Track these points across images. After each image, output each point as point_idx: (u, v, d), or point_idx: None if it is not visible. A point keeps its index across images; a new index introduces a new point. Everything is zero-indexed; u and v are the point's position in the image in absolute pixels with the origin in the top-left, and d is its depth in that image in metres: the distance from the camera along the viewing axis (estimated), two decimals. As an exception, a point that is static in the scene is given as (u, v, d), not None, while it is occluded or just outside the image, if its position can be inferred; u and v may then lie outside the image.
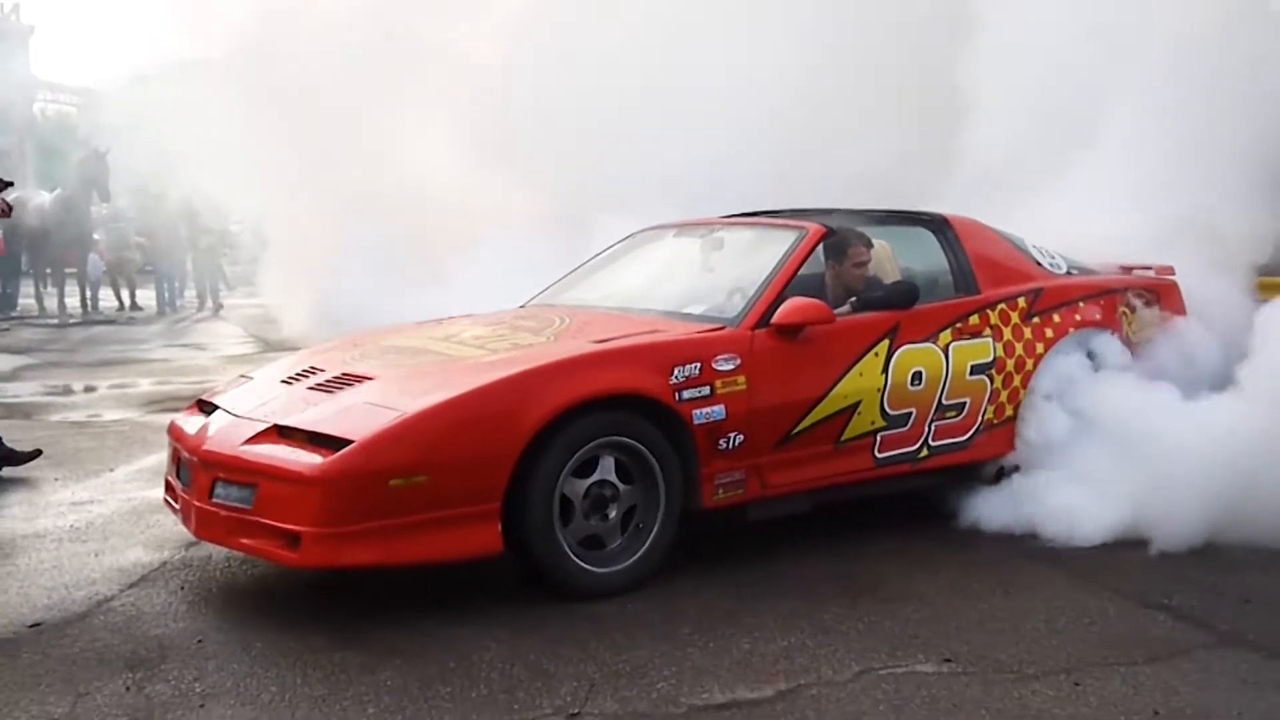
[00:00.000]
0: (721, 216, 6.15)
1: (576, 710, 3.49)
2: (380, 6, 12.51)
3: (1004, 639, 4.05)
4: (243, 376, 5.35)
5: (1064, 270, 5.99)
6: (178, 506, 4.80)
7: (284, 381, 4.91)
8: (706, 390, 4.69)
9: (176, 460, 4.89)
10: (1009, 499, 5.38)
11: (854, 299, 5.29)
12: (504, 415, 4.29)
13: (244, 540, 4.31)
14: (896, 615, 4.29)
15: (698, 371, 4.68)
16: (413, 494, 4.16)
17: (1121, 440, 5.34)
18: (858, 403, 5.06)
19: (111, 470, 6.83)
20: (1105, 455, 5.34)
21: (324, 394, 4.59)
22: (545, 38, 11.37)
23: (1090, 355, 5.77)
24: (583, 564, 4.45)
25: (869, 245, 5.47)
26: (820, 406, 4.96)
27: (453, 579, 4.54)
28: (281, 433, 4.41)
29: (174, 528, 5.52)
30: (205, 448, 4.51)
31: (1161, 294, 6.23)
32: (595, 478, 4.47)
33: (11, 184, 7.05)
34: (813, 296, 5.06)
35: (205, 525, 4.46)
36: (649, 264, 5.96)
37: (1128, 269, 6.40)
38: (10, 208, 7.03)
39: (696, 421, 4.65)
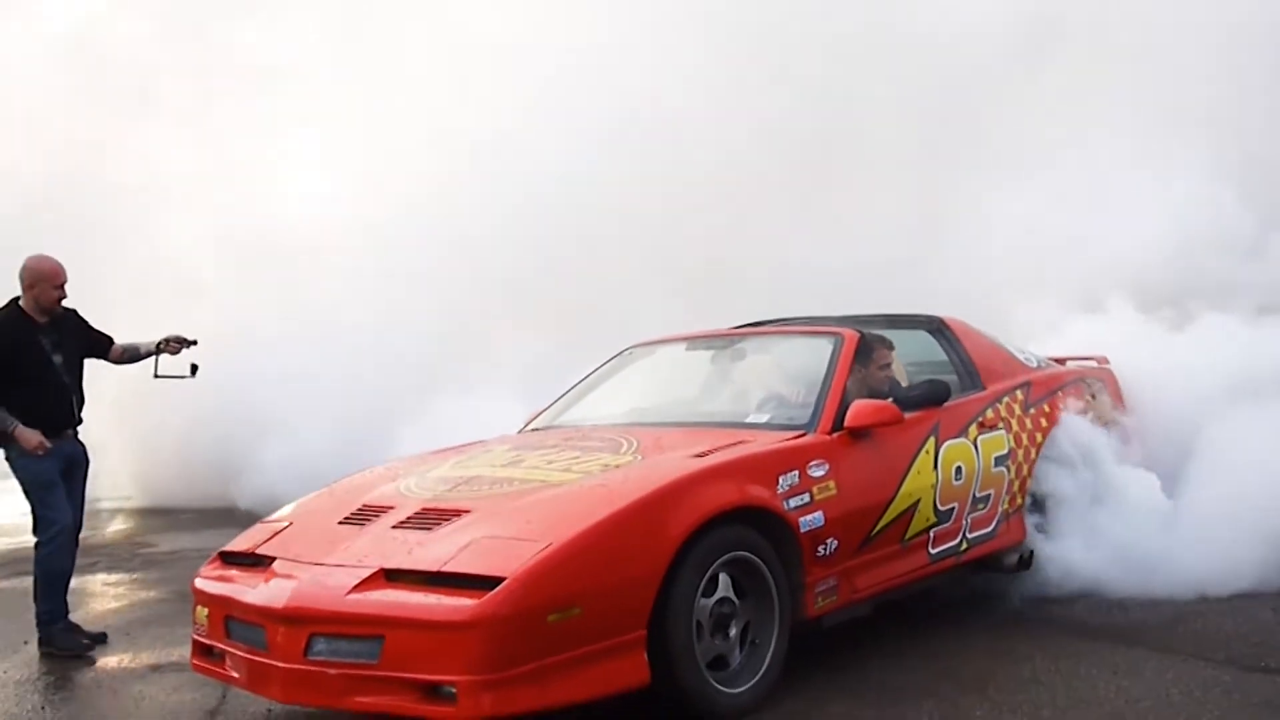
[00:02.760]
0: (730, 328, 6.07)
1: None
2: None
3: (1160, 717, 4.05)
4: (269, 522, 4.79)
5: (1036, 364, 6.20)
6: (235, 672, 4.24)
7: (345, 523, 4.44)
8: (807, 498, 4.56)
9: (223, 621, 4.33)
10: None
11: (893, 399, 5.27)
12: (648, 535, 4.02)
13: (363, 699, 3.82)
14: (1041, 703, 4.22)
15: (797, 479, 4.55)
16: (568, 629, 3.80)
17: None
18: (918, 501, 5.04)
19: (25, 643, 5.97)
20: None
21: (420, 532, 4.16)
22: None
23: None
24: (719, 686, 4.19)
25: (891, 348, 5.50)
26: (892, 506, 4.91)
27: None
28: (390, 577, 3.97)
29: (171, 696, 4.99)
30: (292, 603, 3.99)
31: (1107, 382, 6.54)
32: (718, 595, 4.23)
33: (195, 342, 6.23)
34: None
35: (301, 686, 3.95)
36: (662, 378, 5.79)
37: (1060, 360, 6.70)
38: (196, 368, 6.24)
39: (803, 530, 4.50)
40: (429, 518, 4.26)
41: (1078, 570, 5.56)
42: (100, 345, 6.09)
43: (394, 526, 4.27)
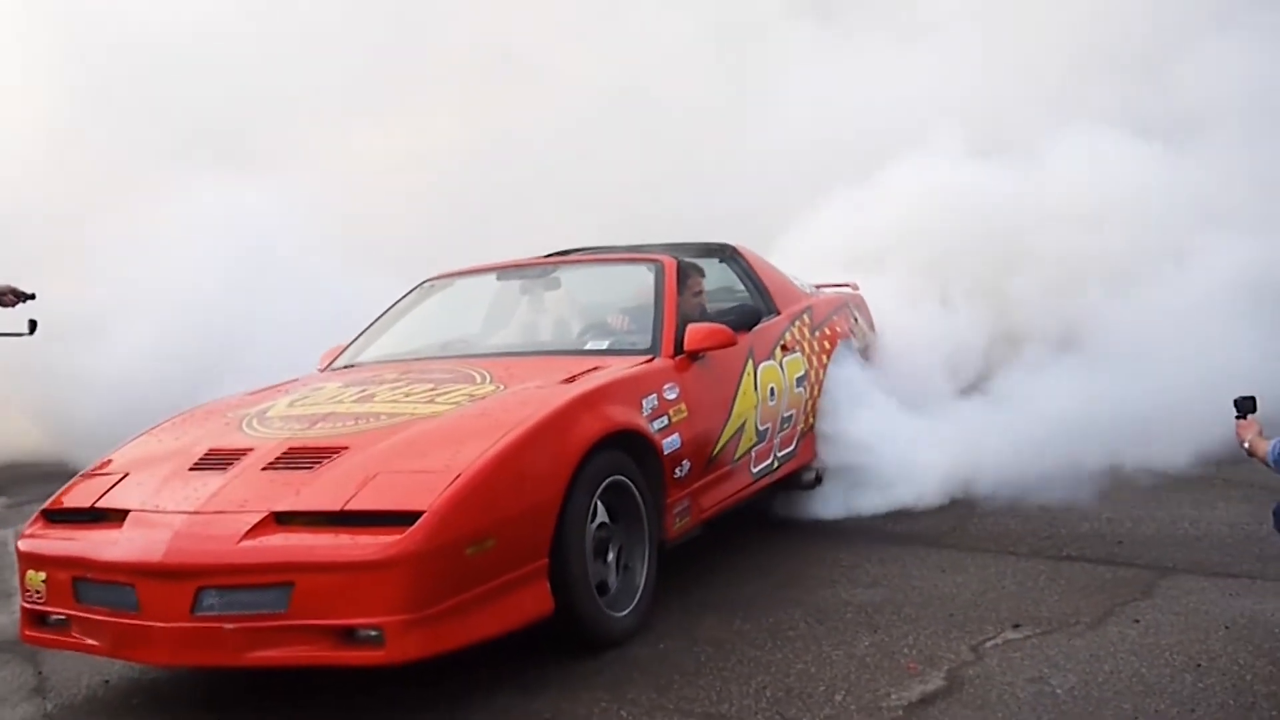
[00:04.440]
0: (537, 258, 6.00)
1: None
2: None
3: (1014, 603, 4.43)
4: (95, 475, 4.36)
5: (810, 290, 6.52)
6: (93, 639, 3.88)
7: (198, 469, 4.12)
8: (666, 421, 4.65)
9: (69, 584, 3.94)
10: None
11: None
12: (547, 461, 3.99)
13: (268, 653, 3.59)
14: (900, 602, 4.53)
15: (657, 403, 4.63)
16: (484, 561, 3.72)
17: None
18: (744, 421, 5.23)
19: None
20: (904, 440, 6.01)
21: (299, 471, 3.92)
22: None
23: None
24: (608, 611, 4.22)
25: (703, 275, 5.65)
26: (727, 427, 5.08)
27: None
28: (282, 520, 3.74)
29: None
30: (172, 557, 3.69)
31: (860, 306, 6.98)
32: (598, 520, 4.25)
33: (33, 296, 5.67)
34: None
35: (190, 646, 3.65)
36: (468, 309, 5.69)
37: (819, 286, 7.07)
38: (35, 324, 5.74)
39: (665, 452, 4.59)
40: (302, 457, 4.02)
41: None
42: None
43: (264, 469, 4.00)
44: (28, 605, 4.11)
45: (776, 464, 5.59)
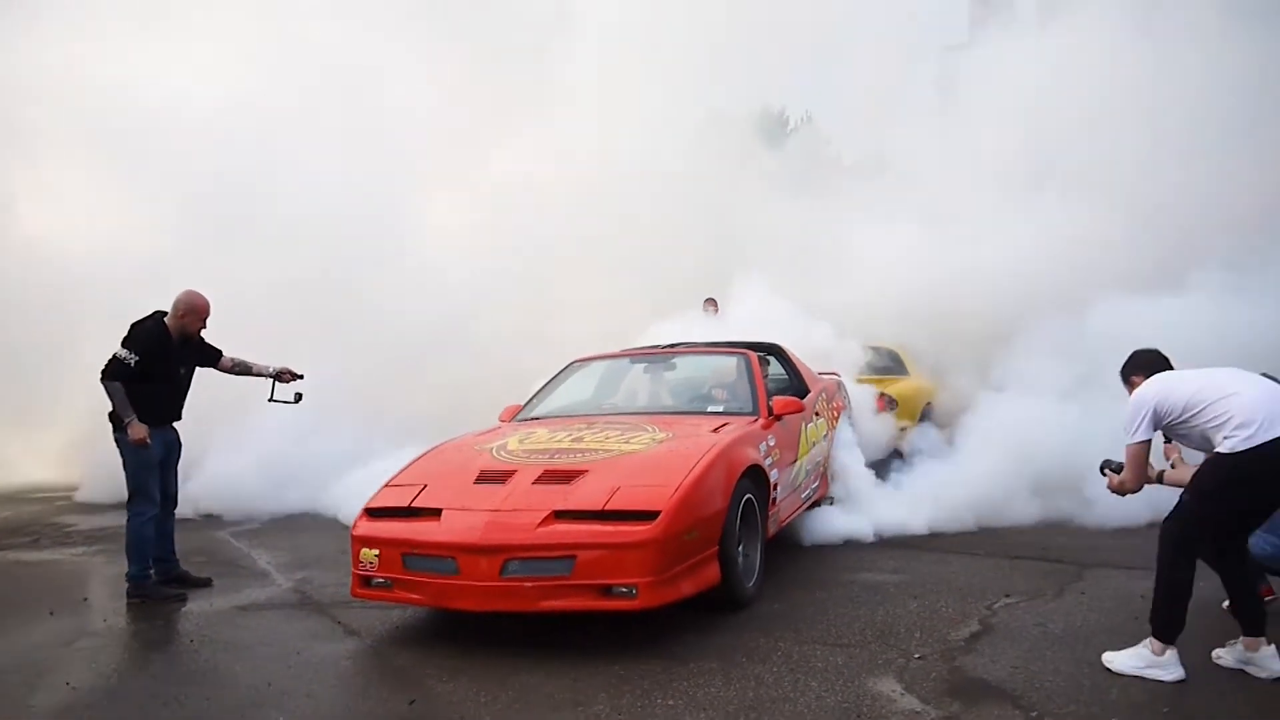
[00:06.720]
0: (655, 347, 6.83)
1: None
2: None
3: (997, 583, 5.34)
4: (400, 486, 5.01)
5: (819, 376, 7.43)
6: (415, 594, 4.56)
7: (481, 482, 4.83)
8: (771, 460, 5.50)
9: (399, 557, 4.60)
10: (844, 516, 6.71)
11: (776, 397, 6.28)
12: (723, 481, 4.81)
13: (554, 602, 4.34)
14: (923, 580, 5.40)
15: (765, 448, 5.47)
16: (691, 545, 4.53)
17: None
18: (801, 463, 6.09)
19: (85, 599, 5.67)
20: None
21: (560, 485, 4.68)
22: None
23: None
24: (744, 582, 5.01)
25: (768, 364, 6.53)
26: (794, 466, 5.95)
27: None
28: (559, 515, 4.49)
29: (287, 625, 5.12)
30: (487, 538, 4.41)
31: (844, 387, 7.90)
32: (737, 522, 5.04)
33: (302, 376, 6.02)
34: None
35: (498, 598, 4.39)
36: (614, 382, 6.48)
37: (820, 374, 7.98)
38: (300, 396, 6.09)
39: (772, 480, 5.42)
40: (558, 475, 4.77)
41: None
42: (210, 356, 5.96)
43: (534, 483, 4.74)
44: (360, 573, 4.74)
45: (811, 493, 6.46)
